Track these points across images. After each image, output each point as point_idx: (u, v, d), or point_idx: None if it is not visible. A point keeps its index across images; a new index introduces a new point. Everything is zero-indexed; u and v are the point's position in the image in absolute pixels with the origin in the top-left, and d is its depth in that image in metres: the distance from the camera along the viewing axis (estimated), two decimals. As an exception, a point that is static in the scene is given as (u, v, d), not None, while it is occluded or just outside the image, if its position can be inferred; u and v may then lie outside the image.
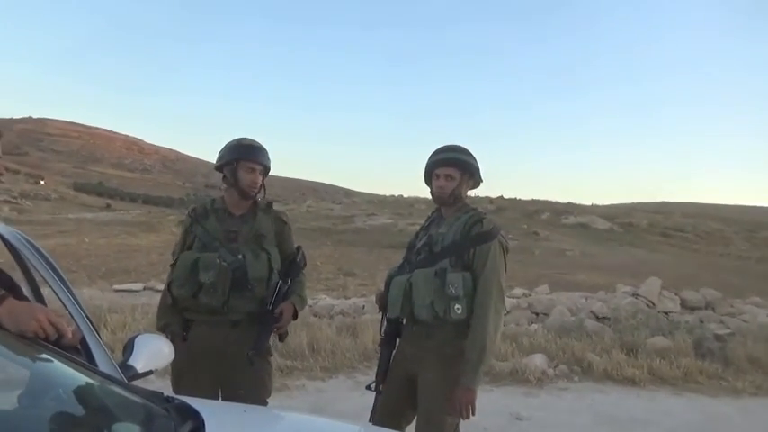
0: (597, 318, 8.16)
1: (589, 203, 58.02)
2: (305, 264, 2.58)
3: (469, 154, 2.38)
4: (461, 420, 2.30)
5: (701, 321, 8.08)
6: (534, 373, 5.14)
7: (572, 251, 29.04)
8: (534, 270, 19.92)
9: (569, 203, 52.19)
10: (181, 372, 2.43)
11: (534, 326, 7.84)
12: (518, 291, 10.62)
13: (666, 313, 8.44)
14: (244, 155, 2.43)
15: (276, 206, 2.63)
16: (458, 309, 2.17)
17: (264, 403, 2.44)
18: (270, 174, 2.57)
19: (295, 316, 2.48)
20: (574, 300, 9.60)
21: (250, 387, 2.35)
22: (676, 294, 9.82)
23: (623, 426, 4.18)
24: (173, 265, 2.44)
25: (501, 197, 48.98)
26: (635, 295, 9.09)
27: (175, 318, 2.45)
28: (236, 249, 2.39)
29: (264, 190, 2.53)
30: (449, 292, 2.17)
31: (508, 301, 8.94)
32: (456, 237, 2.27)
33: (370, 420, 2.42)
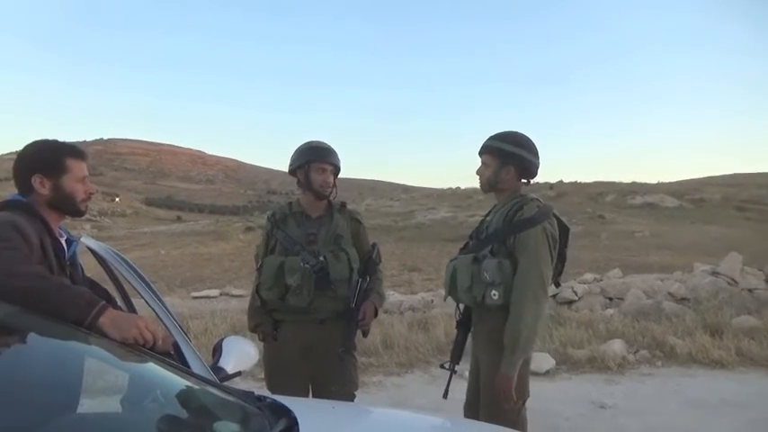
0: (676, 299, 7.82)
1: (655, 181, 55.67)
2: (380, 260, 2.63)
3: (509, 141, 2.30)
4: (526, 408, 2.32)
5: (791, 297, 7.59)
6: (614, 360, 4.96)
7: (641, 232, 27.99)
8: (603, 254, 19.35)
9: (634, 183, 50.29)
10: (273, 370, 2.57)
11: (609, 311, 7.60)
12: (588, 276, 10.31)
13: (751, 291, 7.99)
14: (314, 156, 2.51)
15: None
16: (494, 295, 2.17)
17: (353, 396, 2.53)
18: None
19: (376, 313, 2.54)
20: (649, 282, 9.23)
21: (339, 382, 2.43)
22: (760, 270, 9.28)
23: (716, 409, 3.98)
24: (259, 270, 2.55)
25: (561, 182, 47.69)
26: (714, 274, 8.63)
27: (265, 318, 2.56)
28: (316, 251, 2.47)
29: (336, 189, 2.59)
30: (484, 278, 2.19)
31: (580, 287, 8.71)
32: (499, 224, 2.29)
33: (444, 397, 2.47)
